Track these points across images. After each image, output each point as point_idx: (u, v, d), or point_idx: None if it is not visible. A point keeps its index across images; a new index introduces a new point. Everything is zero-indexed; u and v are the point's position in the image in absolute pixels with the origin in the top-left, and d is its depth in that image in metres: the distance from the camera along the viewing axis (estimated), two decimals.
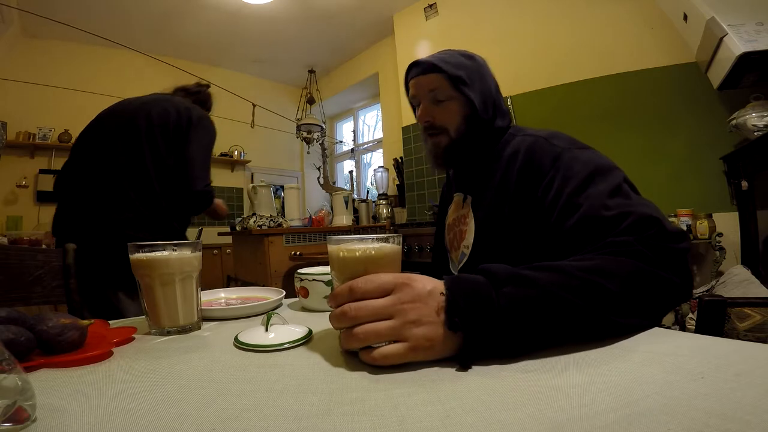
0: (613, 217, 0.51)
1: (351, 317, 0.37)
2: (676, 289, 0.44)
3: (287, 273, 2.36)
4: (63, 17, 2.81)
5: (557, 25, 2.55)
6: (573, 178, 0.58)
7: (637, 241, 0.46)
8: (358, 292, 0.38)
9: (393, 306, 0.36)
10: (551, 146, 0.64)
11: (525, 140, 0.68)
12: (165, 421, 0.26)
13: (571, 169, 0.59)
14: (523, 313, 0.36)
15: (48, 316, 0.41)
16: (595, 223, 0.52)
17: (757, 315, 0.66)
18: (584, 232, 0.53)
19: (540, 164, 0.63)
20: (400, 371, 0.35)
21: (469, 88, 0.71)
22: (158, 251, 0.53)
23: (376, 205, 3.30)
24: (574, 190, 0.57)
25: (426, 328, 0.35)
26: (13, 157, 3.25)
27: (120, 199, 1.11)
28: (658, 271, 0.43)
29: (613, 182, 0.56)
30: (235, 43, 3.90)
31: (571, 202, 0.56)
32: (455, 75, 0.70)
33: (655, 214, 0.49)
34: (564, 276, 0.39)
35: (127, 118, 1.20)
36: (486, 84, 0.73)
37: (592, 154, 0.62)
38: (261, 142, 4.60)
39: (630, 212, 0.50)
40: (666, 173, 2.11)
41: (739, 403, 0.25)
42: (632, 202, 0.53)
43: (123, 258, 0.54)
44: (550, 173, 0.61)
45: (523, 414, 0.26)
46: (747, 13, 1.59)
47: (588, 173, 0.58)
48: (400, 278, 0.38)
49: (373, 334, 0.36)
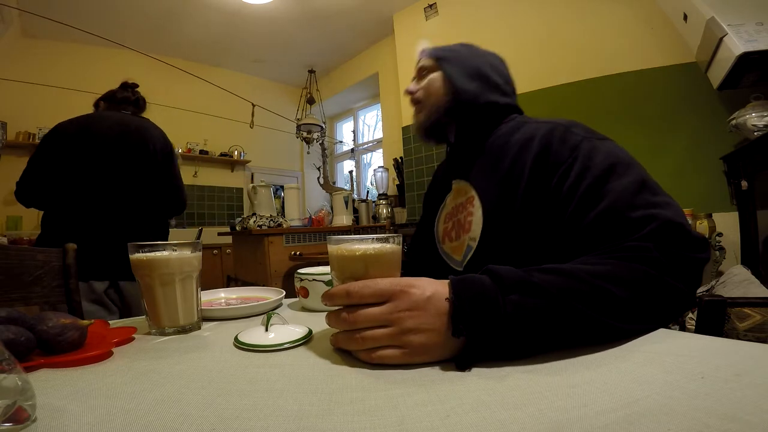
0: (638, 219, 0.48)
1: (350, 323, 0.37)
2: (680, 297, 0.44)
3: (287, 273, 2.36)
4: (63, 17, 2.81)
5: (557, 25, 2.56)
6: (593, 168, 0.55)
7: (656, 247, 0.44)
8: (355, 296, 0.38)
9: (390, 314, 0.36)
10: (571, 134, 0.60)
11: (541, 127, 0.64)
12: (165, 421, 0.26)
13: (591, 159, 0.56)
14: (528, 322, 0.35)
15: (48, 316, 0.41)
16: (617, 221, 0.50)
17: (757, 315, 0.67)
18: (605, 229, 0.50)
19: (558, 152, 0.59)
20: (399, 371, 0.35)
21: (448, 63, 0.74)
22: (158, 251, 0.53)
23: (376, 205, 3.30)
24: (595, 182, 0.54)
25: (424, 336, 0.35)
26: (13, 157, 3.24)
27: (134, 208, 1.41)
28: (666, 278, 0.42)
29: (636, 177, 0.53)
30: (235, 43, 3.90)
31: (592, 194, 0.53)
32: (437, 55, 0.75)
33: (680, 220, 0.48)
34: (574, 281, 0.39)
35: (137, 141, 1.45)
36: (471, 62, 0.74)
37: (612, 145, 0.59)
38: (261, 142, 4.60)
39: (655, 216, 0.48)
40: (666, 173, 2.11)
41: (739, 403, 0.25)
42: (658, 202, 0.51)
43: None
44: (568, 161, 0.57)
45: (523, 414, 0.26)
46: (747, 13, 1.59)
47: (609, 164, 0.55)
48: (398, 285, 0.37)
49: (371, 340, 0.36)
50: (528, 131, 0.65)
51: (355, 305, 0.38)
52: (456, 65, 0.74)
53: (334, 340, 0.41)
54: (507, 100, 0.74)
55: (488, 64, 0.75)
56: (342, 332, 0.39)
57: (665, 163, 2.12)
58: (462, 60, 0.75)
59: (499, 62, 0.78)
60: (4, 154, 3.16)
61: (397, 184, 3.55)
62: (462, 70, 0.73)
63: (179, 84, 3.85)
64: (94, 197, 1.33)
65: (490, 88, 0.73)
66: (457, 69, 0.73)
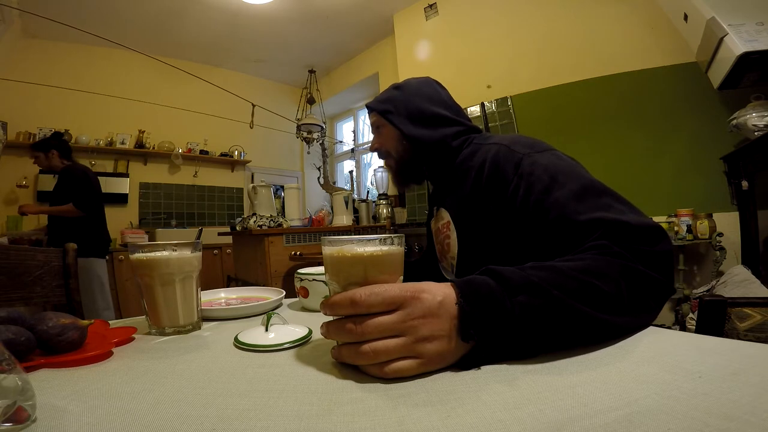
0: (586, 223, 0.51)
1: (358, 334, 0.34)
2: (660, 286, 0.44)
3: (287, 273, 2.36)
4: (63, 17, 2.81)
5: (557, 25, 2.55)
6: (536, 183, 0.58)
7: (612, 243, 0.46)
8: (362, 306, 0.34)
9: (403, 323, 0.33)
10: (512, 153, 0.64)
11: (490, 149, 0.69)
12: (165, 421, 0.26)
13: (533, 174, 0.60)
14: (534, 322, 0.36)
15: (48, 316, 0.41)
16: (568, 228, 0.52)
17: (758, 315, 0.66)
18: (559, 238, 0.53)
19: (504, 172, 0.63)
20: None
21: (393, 115, 0.78)
22: (158, 251, 0.53)
23: (376, 205, 3.30)
24: (540, 196, 0.57)
25: (439, 343, 0.34)
26: (13, 157, 3.24)
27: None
28: (641, 268, 0.43)
29: (577, 184, 0.56)
30: (235, 43, 3.90)
31: (540, 207, 0.57)
32: (381, 109, 0.80)
33: (624, 218, 0.49)
34: (562, 277, 0.39)
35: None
36: (410, 105, 0.78)
37: (552, 156, 0.62)
38: (261, 142, 4.60)
39: (600, 219, 0.50)
40: (667, 173, 2.11)
41: (737, 403, 0.25)
42: (603, 203, 0.53)
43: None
44: (513, 181, 0.61)
45: (523, 413, 0.26)
46: (747, 13, 1.59)
47: (549, 177, 0.58)
48: (409, 290, 0.35)
49: (383, 352, 0.33)
50: (481, 155, 0.71)
51: (360, 314, 0.35)
52: (398, 114, 0.78)
53: (338, 353, 0.36)
54: (455, 128, 0.78)
55: (425, 98, 0.79)
56: (345, 345, 0.35)
57: (665, 164, 2.12)
58: (401, 106, 0.79)
59: (434, 90, 0.81)
60: (4, 154, 3.15)
61: None
62: (405, 117, 0.78)
63: (179, 84, 3.85)
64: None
65: (436, 124, 0.77)
66: (400, 118, 0.78)
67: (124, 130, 3.79)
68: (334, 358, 0.38)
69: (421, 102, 0.78)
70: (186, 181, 4.20)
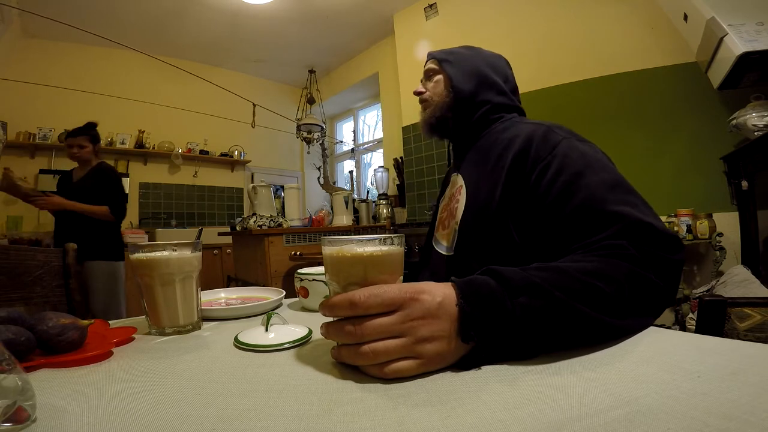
0: (611, 214, 0.50)
1: (357, 336, 0.34)
2: (660, 293, 0.44)
3: (287, 273, 2.36)
4: (63, 17, 2.81)
5: (557, 25, 2.55)
6: (570, 165, 0.58)
7: (630, 244, 0.46)
8: (360, 307, 0.34)
9: (403, 324, 0.34)
10: (553, 134, 0.64)
11: (527, 127, 0.68)
12: (165, 421, 0.27)
13: (569, 156, 0.59)
14: (535, 323, 0.36)
15: (48, 316, 0.41)
16: (592, 214, 0.52)
17: (758, 315, 0.67)
18: (580, 222, 0.53)
19: (538, 150, 0.62)
20: None
21: (449, 64, 0.80)
22: (158, 251, 0.53)
23: (376, 205, 3.30)
24: (572, 177, 0.56)
25: (439, 344, 0.34)
26: (13, 157, 3.24)
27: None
28: (647, 274, 0.43)
29: (611, 175, 0.56)
30: (235, 43, 3.90)
31: (568, 188, 0.56)
32: (441, 57, 0.81)
33: (650, 220, 0.49)
34: (566, 278, 0.39)
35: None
36: (471, 62, 0.79)
37: (590, 147, 0.63)
38: (261, 142, 4.60)
39: (626, 214, 0.50)
40: (666, 173, 2.11)
41: (736, 402, 0.25)
42: (630, 200, 0.53)
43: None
44: (547, 158, 0.61)
45: (523, 413, 0.26)
46: (747, 13, 1.59)
47: (585, 162, 0.58)
48: (408, 291, 0.35)
49: (383, 353, 0.33)
50: (515, 130, 0.70)
51: (359, 316, 0.35)
52: (456, 66, 0.79)
53: (337, 354, 0.37)
54: (502, 99, 0.78)
55: (488, 64, 0.80)
56: (345, 346, 0.36)
57: (665, 163, 2.12)
58: (462, 61, 0.80)
59: (501, 63, 0.83)
60: (4, 154, 3.15)
61: (398, 184, 3.54)
62: (461, 70, 0.79)
63: (179, 84, 3.85)
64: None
65: (487, 87, 0.78)
66: (457, 70, 0.79)
67: (124, 130, 3.79)
68: (333, 359, 0.38)
69: (482, 65, 0.79)
70: (186, 181, 4.20)
